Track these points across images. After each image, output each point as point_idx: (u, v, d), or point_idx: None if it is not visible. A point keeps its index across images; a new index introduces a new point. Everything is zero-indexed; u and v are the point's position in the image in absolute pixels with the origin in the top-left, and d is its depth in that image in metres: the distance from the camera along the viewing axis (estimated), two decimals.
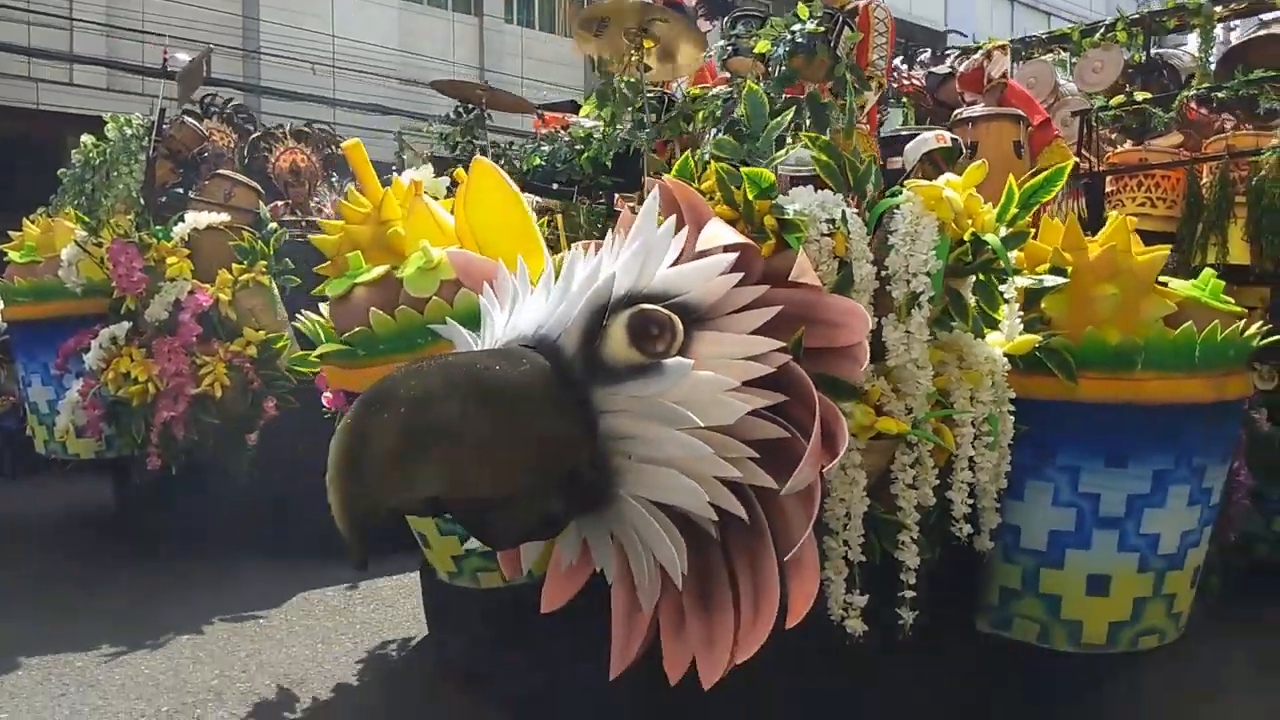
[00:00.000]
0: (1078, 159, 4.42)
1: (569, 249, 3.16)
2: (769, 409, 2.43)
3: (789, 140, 3.15)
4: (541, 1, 17.09)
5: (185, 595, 4.71)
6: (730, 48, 3.70)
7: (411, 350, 2.95)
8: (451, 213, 3.20)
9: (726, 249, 2.51)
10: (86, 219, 5.23)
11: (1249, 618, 4.04)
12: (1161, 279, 3.22)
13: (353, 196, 3.40)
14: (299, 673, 3.83)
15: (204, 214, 5.23)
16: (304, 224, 6.15)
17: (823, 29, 3.02)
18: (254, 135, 7.16)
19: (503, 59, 15.84)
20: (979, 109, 4.12)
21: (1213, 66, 5.20)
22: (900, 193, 2.75)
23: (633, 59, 3.27)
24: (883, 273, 2.70)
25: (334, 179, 6.96)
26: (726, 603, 2.53)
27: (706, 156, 3.25)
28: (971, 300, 2.79)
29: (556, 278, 2.63)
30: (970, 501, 2.77)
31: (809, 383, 2.39)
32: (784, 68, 2.94)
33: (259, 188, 5.99)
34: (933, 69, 5.22)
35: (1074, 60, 5.38)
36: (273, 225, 5.47)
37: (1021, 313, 2.89)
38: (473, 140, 4.07)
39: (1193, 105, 4.57)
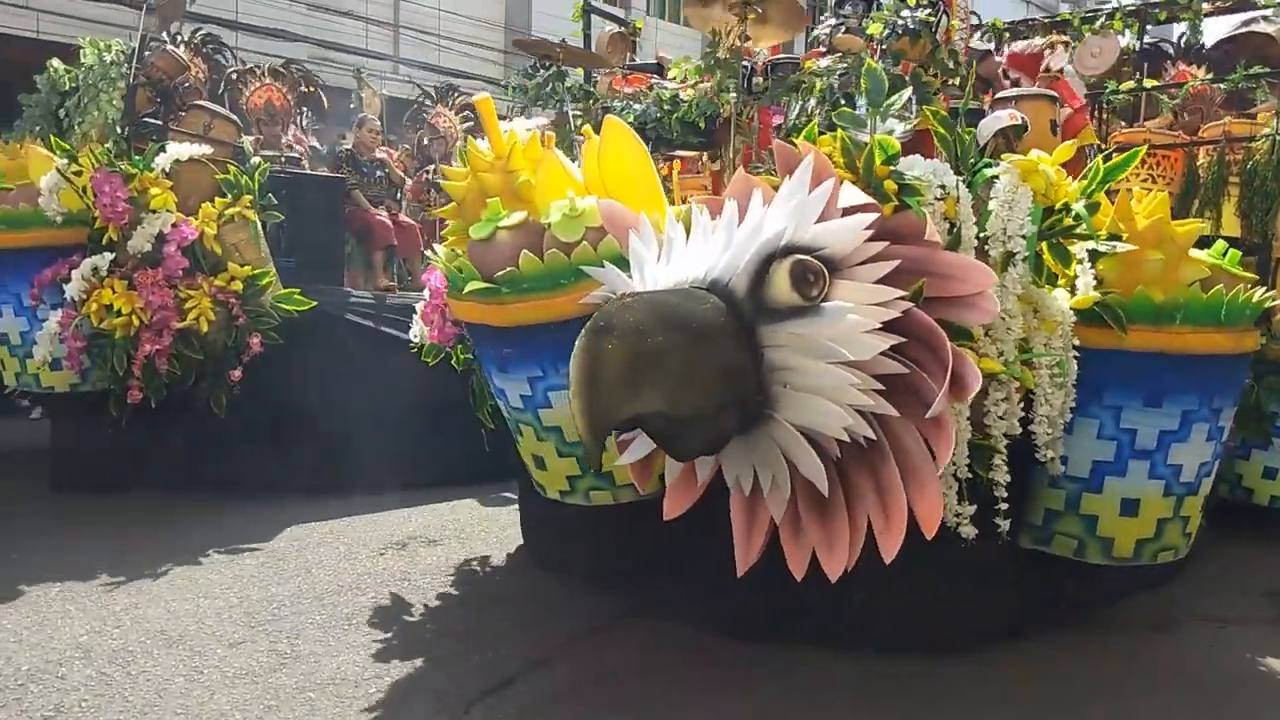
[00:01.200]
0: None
1: (685, 201, 3.47)
2: (892, 348, 2.81)
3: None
4: None
5: (68, 544, 4.48)
6: (842, 26, 4.00)
7: (555, 290, 3.23)
8: (579, 165, 3.47)
9: (861, 209, 2.86)
10: (66, 146, 5.04)
11: None
12: None
13: (474, 146, 3.62)
14: (176, 629, 3.58)
15: (185, 145, 5.10)
16: (284, 159, 6.10)
17: (930, 15, 3.38)
18: (230, 70, 7.03)
19: None
20: (1019, 89, 4.50)
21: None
22: (995, 164, 3.13)
23: (736, 31, 3.57)
24: (980, 234, 3.09)
25: (306, 116, 6.95)
26: (842, 512, 2.90)
27: (794, 123, 3.58)
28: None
29: (688, 230, 2.97)
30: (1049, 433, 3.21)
31: (935, 327, 2.74)
32: (892, 48, 3.29)
33: (238, 121, 5.88)
34: (972, 44, 5.54)
35: (1074, 45, 5.82)
36: (256, 160, 5.36)
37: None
38: (555, 95, 4.29)
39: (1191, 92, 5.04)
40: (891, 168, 2.94)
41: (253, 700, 3.08)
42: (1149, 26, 5.85)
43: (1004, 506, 3.14)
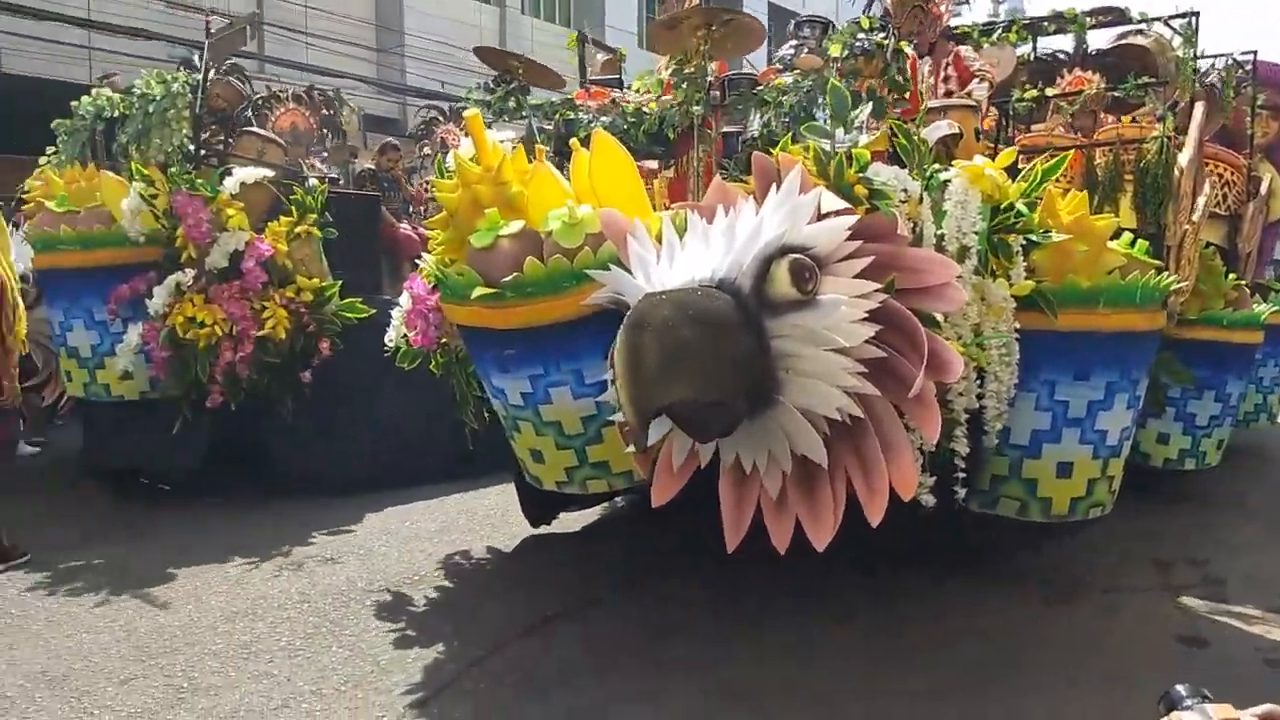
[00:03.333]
0: (995, 144, 5.37)
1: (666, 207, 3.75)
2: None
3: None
4: None
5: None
6: (804, 47, 4.34)
7: (558, 293, 3.45)
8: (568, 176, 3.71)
9: (839, 213, 3.21)
10: (146, 172, 5.29)
11: None
12: None
13: (459, 159, 3.81)
14: (59, 668, 3.39)
15: (249, 169, 5.46)
16: (326, 179, 6.42)
17: (884, 39, 3.75)
18: (258, 96, 7.29)
19: None
20: (946, 100, 4.93)
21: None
22: (946, 169, 3.53)
23: (701, 50, 3.88)
24: (938, 232, 3.48)
25: (329, 138, 7.20)
26: (827, 487, 3.23)
27: (753, 135, 3.92)
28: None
29: (681, 235, 3.26)
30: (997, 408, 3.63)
31: (910, 316, 3.10)
32: (850, 67, 3.65)
33: (284, 144, 6.24)
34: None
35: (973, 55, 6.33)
36: (313, 181, 5.73)
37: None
38: (519, 108, 4.51)
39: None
40: (861, 174, 3.29)
41: None
42: (1040, 38, 6.46)
43: (962, 475, 3.54)
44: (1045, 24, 6.21)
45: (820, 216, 3.17)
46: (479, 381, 4.25)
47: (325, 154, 7.39)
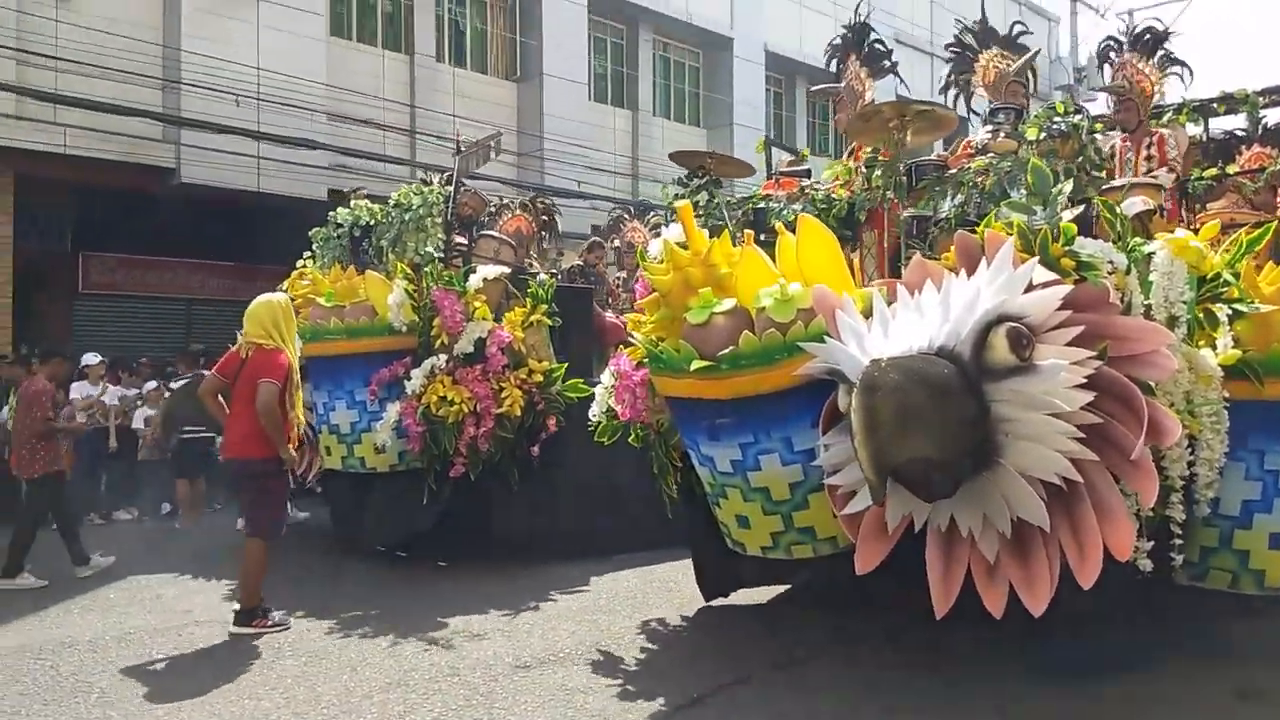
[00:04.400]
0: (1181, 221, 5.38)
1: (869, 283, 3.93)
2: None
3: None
4: (474, 41, 16.45)
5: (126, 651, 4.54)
6: (999, 132, 4.58)
7: (770, 365, 3.67)
8: (773, 258, 3.96)
9: (1049, 284, 3.33)
10: (409, 272, 6.00)
11: None
12: None
13: (669, 245, 4.11)
14: None
15: (490, 267, 6.15)
16: (552, 274, 7.12)
17: (1080, 121, 3.93)
18: (497, 204, 8.21)
19: (434, 97, 15.23)
20: (1131, 179, 4.99)
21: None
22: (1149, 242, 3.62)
23: (895, 139, 4.13)
24: (1145, 302, 3.55)
25: (544, 240, 8.14)
26: (1041, 552, 3.28)
27: (944, 216, 4.09)
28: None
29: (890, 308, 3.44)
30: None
31: (1128, 382, 3.17)
32: (1046, 149, 3.82)
33: (514, 245, 6.94)
34: None
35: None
36: (543, 276, 6.36)
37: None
38: (712, 199, 4.84)
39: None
40: (1068, 248, 3.42)
41: None
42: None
43: (1178, 542, 3.53)
44: (1215, 105, 6.24)
45: (1030, 288, 3.31)
46: (680, 454, 4.47)
47: (535, 253, 8.02)
